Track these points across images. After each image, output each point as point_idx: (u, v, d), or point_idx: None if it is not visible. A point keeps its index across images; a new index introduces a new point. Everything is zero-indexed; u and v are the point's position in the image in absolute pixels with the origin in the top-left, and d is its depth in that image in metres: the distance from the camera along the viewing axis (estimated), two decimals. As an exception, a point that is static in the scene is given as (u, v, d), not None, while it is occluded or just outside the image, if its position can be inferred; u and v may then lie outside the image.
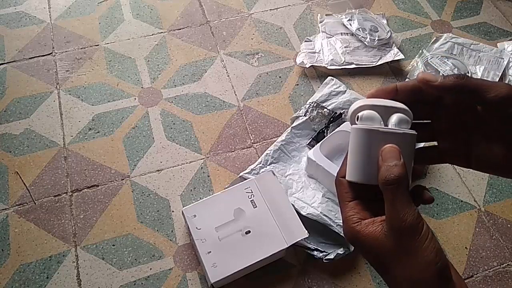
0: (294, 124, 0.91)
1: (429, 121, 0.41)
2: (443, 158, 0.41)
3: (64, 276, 0.76)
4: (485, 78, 1.03)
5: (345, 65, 1.04)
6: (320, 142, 0.83)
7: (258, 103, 0.99)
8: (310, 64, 1.03)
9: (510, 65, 1.06)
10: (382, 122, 0.37)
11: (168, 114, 0.97)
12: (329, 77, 0.98)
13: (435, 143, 0.41)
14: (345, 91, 0.95)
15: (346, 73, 1.04)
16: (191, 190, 0.87)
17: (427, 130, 0.40)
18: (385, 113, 0.37)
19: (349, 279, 0.78)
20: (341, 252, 0.76)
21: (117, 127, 0.94)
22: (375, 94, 0.38)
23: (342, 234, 0.76)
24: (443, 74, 0.32)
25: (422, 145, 0.41)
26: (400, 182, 0.34)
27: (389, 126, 0.36)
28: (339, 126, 0.86)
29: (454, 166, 0.92)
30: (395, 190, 0.34)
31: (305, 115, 0.92)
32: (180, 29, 1.13)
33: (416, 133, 0.37)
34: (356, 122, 0.37)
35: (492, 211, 0.87)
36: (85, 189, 0.86)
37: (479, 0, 1.23)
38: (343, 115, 0.92)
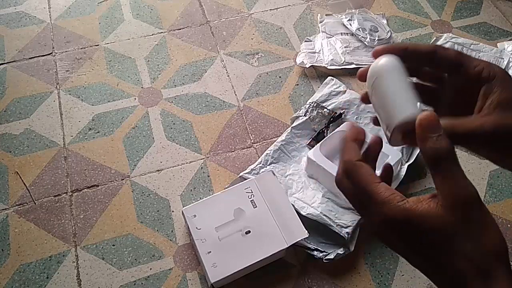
0: (294, 124, 0.91)
1: (435, 87, 0.40)
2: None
3: (64, 276, 0.76)
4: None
5: (345, 65, 1.04)
6: (320, 142, 0.83)
7: (258, 103, 0.99)
8: (310, 64, 1.03)
9: (510, 65, 1.06)
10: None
11: (168, 114, 0.97)
12: (329, 77, 0.98)
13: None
14: (345, 91, 0.95)
15: (346, 73, 1.04)
16: (191, 190, 0.87)
17: (431, 97, 0.39)
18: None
19: (349, 279, 0.78)
20: (341, 252, 0.76)
21: (117, 127, 0.94)
22: (381, 51, 0.37)
23: (342, 234, 0.76)
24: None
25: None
26: (452, 153, 0.31)
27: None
28: (339, 126, 0.86)
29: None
30: (449, 163, 0.31)
31: (305, 115, 0.92)
32: (180, 29, 1.13)
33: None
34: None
35: (492, 211, 0.86)
36: (85, 189, 0.86)
37: (479, 0, 1.23)
38: (343, 115, 0.92)
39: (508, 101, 0.33)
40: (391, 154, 0.80)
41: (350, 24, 1.10)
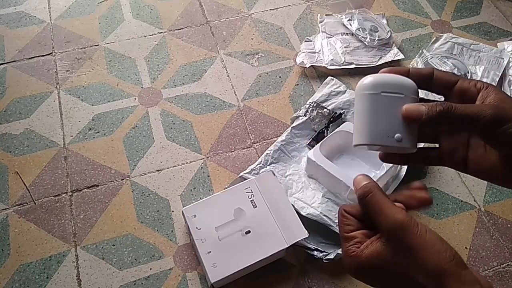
0: (294, 124, 0.91)
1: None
2: (442, 160, 0.41)
3: (64, 276, 0.76)
4: (485, 79, 1.03)
5: (345, 65, 1.04)
6: (320, 142, 0.83)
7: (258, 103, 0.99)
8: (310, 64, 1.03)
9: (510, 65, 1.06)
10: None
11: (168, 114, 0.97)
12: (329, 77, 0.98)
13: (437, 145, 0.42)
14: (345, 91, 0.95)
15: (346, 73, 1.04)
16: (191, 190, 0.87)
17: (433, 129, 0.42)
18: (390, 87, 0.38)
19: (349, 279, 0.78)
20: (341, 252, 0.76)
21: (117, 127, 0.94)
22: (386, 72, 0.40)
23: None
24: (426, 99, 0.35)
25: (422, 145, 0.42)
26: (372, 189, 0.36)
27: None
28: (339, 126, 0.86)
29: (454, 166, 0.92)
30: (372, 198, 0.36)
31: (305, 115, 0.91)
32: (180, 29, 1.13)
33: (418, 96, 0.38)
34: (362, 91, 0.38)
35: (492, 211, 0.87)
36: (85, 189, 0.86)
37: (479, 0, 1.23)
38: (343, 115, 0.92)
39: (502, 100, 0.36)
40: None
41: (350, 24, 1.10)
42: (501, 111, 0.34)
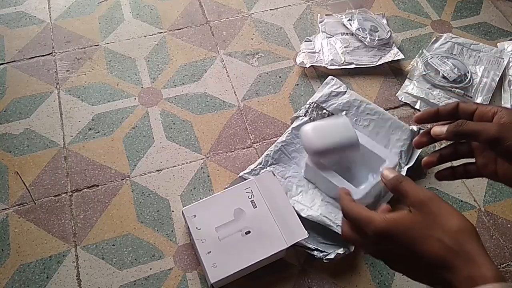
0: (294, 125, 0.91)
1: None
2: (480, 172, 0.50)
3: (64, 276, 0.76)
4: (485, 79, 1.03)
5: (345, 65, 1.04)
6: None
7: (258, 103, 0.99)
8: (310, 64, 1.03)
9: (510, 65, 1.06)
10: None
11: (168, 114, 0.97)
12: (330, 77, 0.98)
13: (474, 160, 0.51)
14: (345, 91, 0.95)
15: (346, 73, 1.04)
16: (191, 190, 0.87)
17: (468, 147, 0.51)
18: None
19: (349, 279, 0.78)
20: (341, 252, 0.76)
21: (117, 127, 0.94)
22: (421, 117, 0.50)
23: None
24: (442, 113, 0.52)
25: (464, 161, 0.52)
26: (403, 178, 0.44)
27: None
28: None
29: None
30: (405, 184, 0.43)
31: (305, 115, 0.91)
32: (180, 29, 1.13)
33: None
34: None
35: (492, 211, 0.87)
36: (85, 189, 0.86)
37: (479, 0, 1.23)
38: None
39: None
40: (388, 159, 0.80)
41: (350, 24, 1.10)
42: (505, 129, 0.42)
